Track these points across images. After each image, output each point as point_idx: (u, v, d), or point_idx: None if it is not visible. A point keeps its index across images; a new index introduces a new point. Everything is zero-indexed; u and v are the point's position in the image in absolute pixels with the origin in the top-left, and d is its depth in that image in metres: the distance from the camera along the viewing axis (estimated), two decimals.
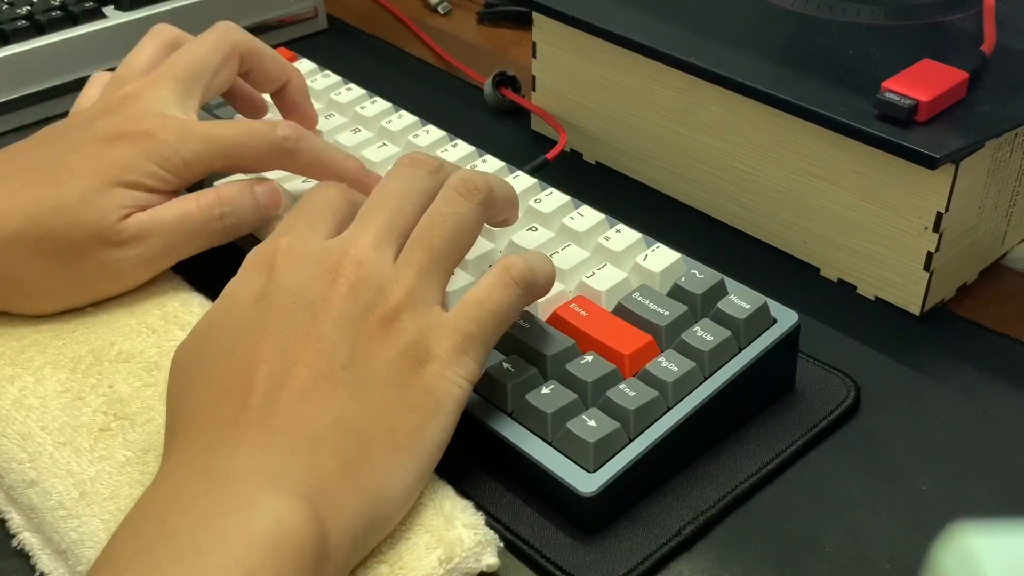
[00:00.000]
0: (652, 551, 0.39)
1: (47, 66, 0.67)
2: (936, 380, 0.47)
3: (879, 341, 0.49)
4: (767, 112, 0.52)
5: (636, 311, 0.44)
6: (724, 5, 0.59)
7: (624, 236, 0.47)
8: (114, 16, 0.70)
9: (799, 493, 0.42)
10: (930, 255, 0.49)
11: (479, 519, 0.38)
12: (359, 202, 0.43)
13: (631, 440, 0.40)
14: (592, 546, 0.39)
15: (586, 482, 0.39)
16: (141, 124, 0.47)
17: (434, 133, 0.56)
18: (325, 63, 0.64)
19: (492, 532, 0.38)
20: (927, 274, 0.49)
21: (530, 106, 0.64)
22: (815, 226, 0.53)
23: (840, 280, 0.53)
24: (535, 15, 0.61)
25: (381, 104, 0.59)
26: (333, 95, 0.60)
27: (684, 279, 0.45)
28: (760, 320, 0.44)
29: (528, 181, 0.51)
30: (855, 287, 0.52)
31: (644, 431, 0.40)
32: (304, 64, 0.64)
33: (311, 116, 0.56)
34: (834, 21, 0.56)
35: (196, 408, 0.37)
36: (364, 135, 0.57)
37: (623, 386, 0.41)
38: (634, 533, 0.40)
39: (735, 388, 0.42)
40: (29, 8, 0.68)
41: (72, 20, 0.68)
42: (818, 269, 0.54)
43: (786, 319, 0.44)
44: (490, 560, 0.38)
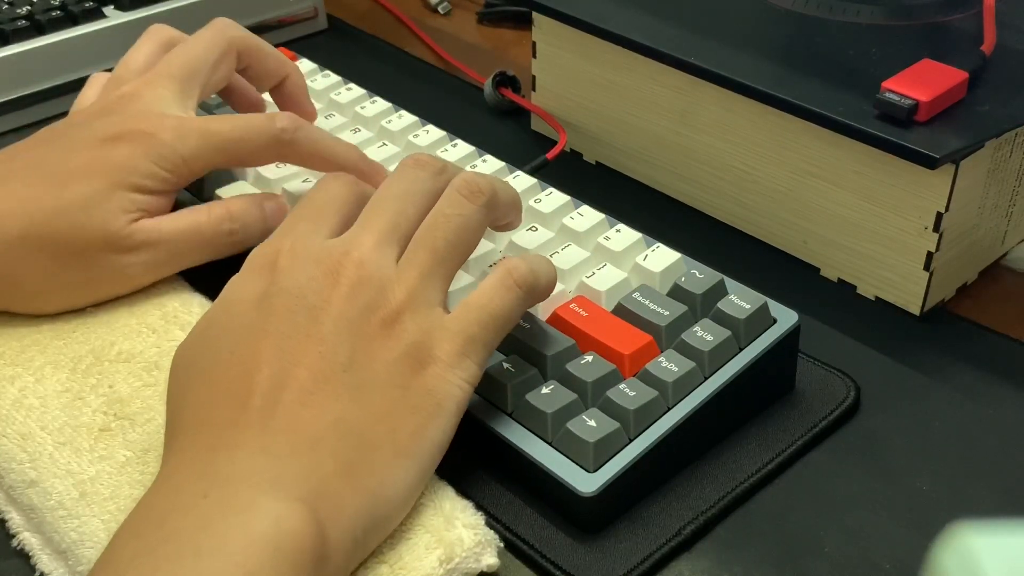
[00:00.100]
0: (652, 551, 0.39)
1: (47, 66, 0.67)
2: (936, 380, 0.47)
3: (879, 341, 0.49)
4: (767, 112, 0.52)
5: (636, 311, 0.44)
6: (724, 5, 0.59)
7: (624, 236, 0.47)
8: (114, 16, 0.70)
9: (799, 493, 0.42)
10: (930, 255, 0.49)
11: (479, 519, 0.38)
12: (367, 193, 0.42)
13: (631, 440, 0.40)
14: (592, 546, 0.39)
15: (586, 482, 0.39)
16: (139, 123, 0.47)
17: (434, 133, 0.56)
18: (325, 63, 0.64)
19: (492, 532, 0.38)
20: (927, 274, 0.49)
21: (530, 106, 0.64)
22: (815, 226, 0.53)
23: (840, 280, 0.53)
24: (535, 15, 0.61)
25: (381, 104, 0.59)
26: (333, 95, 0.60)
27: (684, 279, 0.45)
28: (760, 320, 0.44)
29: (528, 181, 0.51)
30: (855, 287, 0.52)
31: (644, 431, 0.40)
32: (304, 64, 0.64)
33: (310, 112, 0.55)
34: (834, 21, 0.56)
35: (196, 409, 0.37)
36: (364, 135, 0.57)
37: (623, 386, 0.41)
38: (634, 533, 0.40)
39: (735, 388, 0.42)
40: (29, 8, 0.68)
41: (72, 20, 0.68)
42: (818, 269, 0.54)
43: (786, 319, 0.44)
44: (490, 560, 0.38)
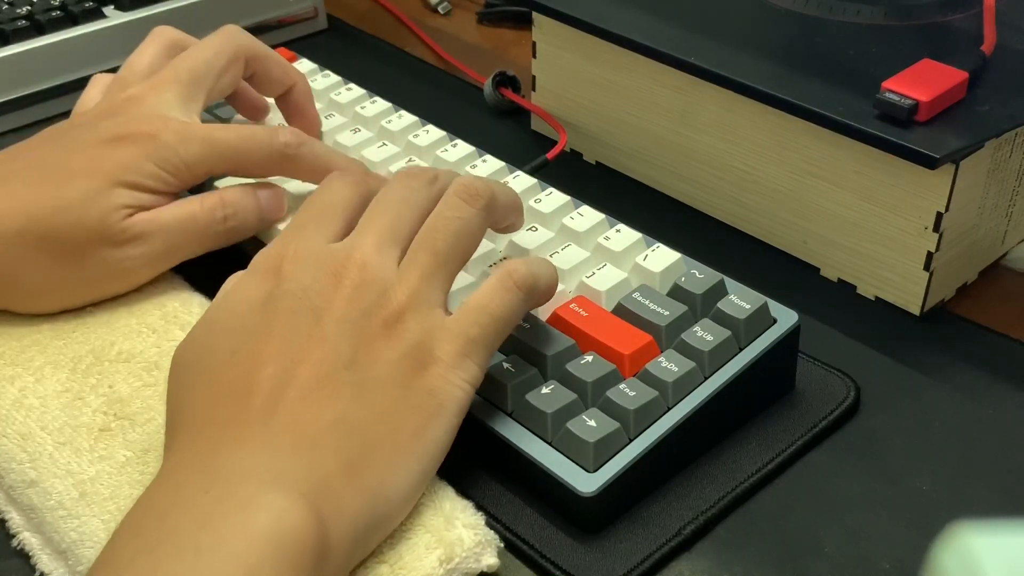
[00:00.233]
0: (652, 551, 0.39)
1: (47, 66, 0.67)
2: (936, 380, 0.47)
3: (879, 341, 0.49)
4: (767, 112, 0.52)
5: (636, 311, 0.44)
6: (724, 5, 0.59)
7: (624, 236, 0.47)
8: (114, 16, 0.70)
9: (799, 493, 0.42)
10: (930, 255, 0.49)
11: (479, 519, 0.38)
12: (372, 191, 0.43)
13: (631, 440, 0.40)
14: (592, 546, 0.39)
15: (586, 482, 0.39)
16: (143, 126, 0.48)
17: (434, 133, 0.56)
18: (325, 63, 0.64)
19: (492, 532, 0.38)
20: (927, 274, 0.49)
21: (530, 106, 0.64)
22: (815, 226, 0.53)
23: (840, 280, 0.53)
24: (535, 15, 0.61)
25: (381, 104, 0.59)
26: (333, 95, 0.60)
27: (684, 279, 0.45)
28: (760, 320, 0.44)
29: (528, 181, 0.51)
30: (855, 287, 0.52)
31: (644, 431, 0.40)
32: (304, 64, 0.64)
33: (315, 121, 0.56)
34: (834, 21, 0.56)
35: (197, 407, 0.37)
36: (364, 135, 0.57)
37: (623, 386, 0.41)
38: (634, 533, 0.40)
39: (735, 388, 0.42)
40: (29, 8, 0.68)
41: (72, 20, 0.68)
42: (818, 269, 0.54)
43: (786, 319, 0.44)
44: (490, 560, 0.38)
